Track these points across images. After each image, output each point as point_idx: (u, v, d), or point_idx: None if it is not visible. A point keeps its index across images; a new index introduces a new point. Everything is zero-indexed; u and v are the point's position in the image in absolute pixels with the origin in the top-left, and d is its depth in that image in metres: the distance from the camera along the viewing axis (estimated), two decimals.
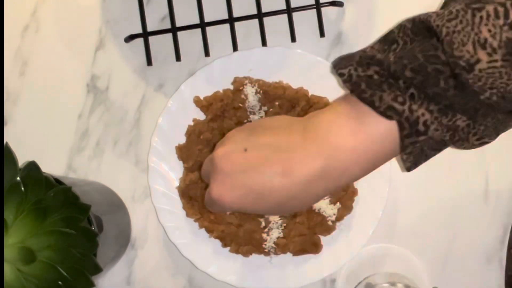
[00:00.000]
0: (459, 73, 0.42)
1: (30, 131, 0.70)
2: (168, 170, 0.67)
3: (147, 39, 0.69)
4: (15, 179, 0.51)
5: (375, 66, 0.45)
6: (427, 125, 0.44)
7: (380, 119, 0.45)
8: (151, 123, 0.68)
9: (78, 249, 0.52)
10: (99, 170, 0.69)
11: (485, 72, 0.41)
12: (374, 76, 0.45)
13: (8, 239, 0.50)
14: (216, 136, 0.66)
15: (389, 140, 0.45)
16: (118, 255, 0.67)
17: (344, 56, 0.48)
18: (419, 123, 0.44)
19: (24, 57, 0.70)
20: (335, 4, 0.68)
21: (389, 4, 0.69)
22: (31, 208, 0.51)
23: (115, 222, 0.66)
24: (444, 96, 0.43)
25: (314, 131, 0.47)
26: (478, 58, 0.41)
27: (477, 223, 0.68)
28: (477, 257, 0.68)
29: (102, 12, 0.70)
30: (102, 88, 0.70)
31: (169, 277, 0.69)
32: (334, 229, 0.66)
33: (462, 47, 0.41)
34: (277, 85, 0.66)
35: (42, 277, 0.51)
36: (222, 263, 0.67)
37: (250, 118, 0.66)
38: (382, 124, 0.45)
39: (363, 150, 0.46)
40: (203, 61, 0.69)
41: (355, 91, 0.45)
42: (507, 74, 0.41)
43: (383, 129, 0.45)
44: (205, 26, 0.69)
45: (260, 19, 0.68)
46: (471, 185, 0.68)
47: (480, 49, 0.41)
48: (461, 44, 0.41)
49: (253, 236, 0.66)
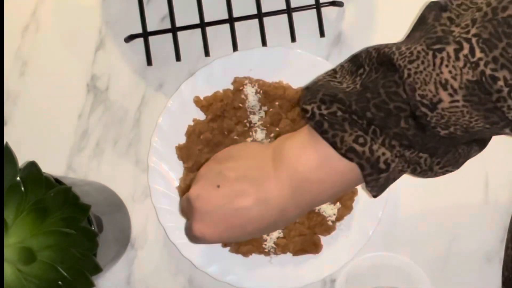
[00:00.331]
0: (419, 115, 0.43)
1: (30, 131, 0.70)
2: (168, 170, 0.67)
3: (147, 39, 0.69)
4: (15, 179, 0.51)
5: (337, 104, 0.46)
6: (387, 163, 0.45)
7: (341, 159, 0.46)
8: (151, 123, 0.68)
9: (78, 249, 0.52)
10: (99, 170, 0.69)
11: (447, 111, 0.42)
12: (338, 113, 0.46)
13: (8, 239, 0.50)
14: (216, 136, 0.66)
15: (353, 174, 0.47)
16: (118, 255, 0.67)
17: (309, 88, 0.49)
18: (379, 162, 0.45)
19: (24, 57, 0.70)
20: (335, 4, 0.68)
21: (389, 4, 0.69)
22: (31, 208, 0.51)
23: (115, 222, 0.66)
24: (405, 136, 0.44)
25: (284, 161, 0.49)
26: (440, 98, 0.42)
27: (477, 223, 0.68)
28: (477, 257, 0.68)
29: (102, 12, 0.70)
30: (102, 88, 0.70)
31: (169, 277, 0.69)
32: (334, 229, 0.66)
33: (425, 86, 0.42)
34: (277, 85, 0.66)
35: (42, 277, 0.51)
36: (222, 263, 0.67)
37: (250, 118, 0.66)
38: (345, 163, 0.46)
39: (329, 181, 0.48)
40: (203, 61, 0.69)
41: (318, 130, 0.46)
42: (468, 113, 0.42)
43: (346, 167, 0.47)
44: (205, 26, 0.69)
45: (260, 19, 0.68)
46: (471, 185, 0.68)
47: (441, 89, 0.42)
48: (424, 83, 0.42)
49: None
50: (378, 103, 0.44)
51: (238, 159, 0.51)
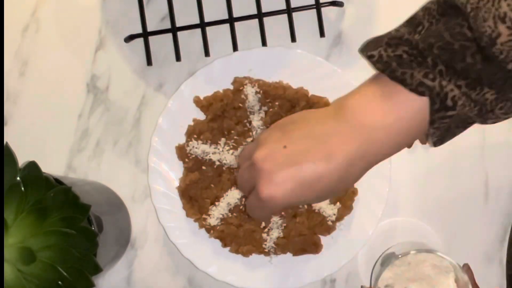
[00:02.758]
0: (484, 46, 0.43)
1: (30, 131, 0.70)
2: (168, 170, 0.67)
3: (147, 39, 0.69)
4: (15, 179, 0.51)
5: (403, 46, 0.47)
6: (455, 101, 0.46)
7: (410, 97, 0.46)
8: (151, 123, 0.68)
9: (78, 249, 0.52)
10: (99, 170, 0.69)
11: (506, 45, 0.43)
12: (404, 56, 0.46)
13: (8, 239, 0.50)
14: (216, 136, 0.66)
15: (419, 117, 0.47)
16: (118, 255, 0.67)
17: (371, 39, 0.50)
18: (447, 98, 0.45)
19: (24, 57, 0.70)
20: (335, 4, 0.68)
21: (389, 4, 0.69)
22: (31, 208, 0.51)
23: (115, 222, 0.66)
24: (472, 70, 0.45)
25: (347, 115, 0.49)
26: (499, 33, 0.43)
27: (477, 223, 0.68)
28: (477, 257, 0.68)
29: (102, 12, 0.70)
30: (102, 88, 0.70)
31: (169, 277, 0.69)
32: (334, 229, 0.66)
33: (484, 23, 0.43)
34: (277, 85, 0.66)
35: (42, 277, 0.51)
36: (222, 263, 0.67)
37: (250, 118, 0.66)
38: (412, 102, 0.46)
39: (395, 128, 0.48)
40: (203, 61, 0.69)
41: (386, 71, 0.47)
42: None
43: (414, 107, 0.47)
44: (205, 26, 0.69)
45: (260, 19, 0.68)
46: (471, 185, 0.68)
47: (500, 23, 0.43)
48: (483, 20, 0.43)
49: (253, 236, 0.66)
50: (443, 45, 0.45)
51: (300, 121, 0.51)
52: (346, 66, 0.68)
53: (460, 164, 0.68)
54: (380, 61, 0.47)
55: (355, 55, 0.68)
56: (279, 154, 0.49)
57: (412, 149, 0.53)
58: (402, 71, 0.46)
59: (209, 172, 0.66)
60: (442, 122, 0.47)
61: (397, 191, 0.68)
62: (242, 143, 0.66)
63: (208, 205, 0.66)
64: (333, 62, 0.68)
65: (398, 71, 0.46)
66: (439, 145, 0.50)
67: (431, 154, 0.68)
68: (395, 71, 0.46)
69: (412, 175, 0.69)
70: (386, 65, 0.47)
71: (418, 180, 0.69)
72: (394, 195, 0.67)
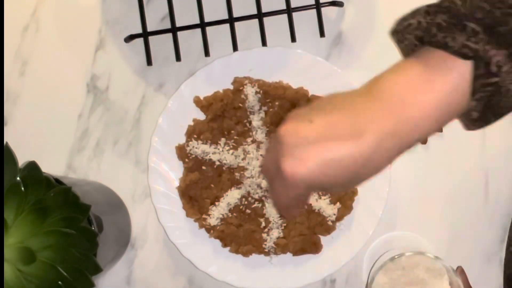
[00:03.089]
0: None
1: (30, 131, 0.70)
2: (168, 170, 0.67)
3: (147, 39, 0.69)
4: (15, 179, 0.51)
5: (442, 15, 0.45)
6: (499, 65, 0.43)
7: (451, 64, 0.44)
8: (151, 123, 0.68)
9: (78, 249, 0.52)
10: (99, 170, 0.69)
11: None
12: (443, 24, 0.44)
13: (8, 239, 0.50)
14: (216, 136, 0.66)
15: (458, 91, 0.44)
16: (118, 255, 0.67)
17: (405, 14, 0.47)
18: (491, 64, 0.43)
19: (24, 57, 0.70)
20: (335, 4, 0.68)
21: (389, 4, 0.69)
22: (31, 208, 0.51)
23: (115, 222, 0.66)
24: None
25: (380, 92, 0.46)
26: None
27: (477, 223, 0.68)
28: (477, 257, 0.68)
29: (102, 12, 0.70)
30: (102, 88, 0.70)
31: (169, 277, 0.69)
32: (334, 229, 0.66)
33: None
34: (277, 85, 0.66)
35: (42, 277, 0.51)
36: (222, 263, 0.67)
37: (250, 118, 0.66)
38: (453, 70, 0.44)
39: (433, 103, 0.45)
40: (203, 61, 0.69)
41: (426, 36, 0.45)
42: None
43: (454, 77, 0.44)
44: (205, 26, 0.69)
45: (260, 19, 0.68)
46: (471, 185, 0.68)
47: None
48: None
49: (253, 236, 0.66)
50: (483, 15, 0.43)
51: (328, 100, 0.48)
52: (346, 66, 0.68)
53: (460, 164, 0.68)
54: (419, 28, 0.45)
55: (355, 55, 0.68)
56: (304, 129, 0.46)
57: (412, 149, 0.53)
58: (444, 35, 0.44)
59: (209, 172, 0.66)
60: (485, 91, 0.44)
61: (397, 191, 0.68)
62: (242, 143, 0.66)
63: (208, 205, 0.66)
64: (333, 62, 0.68)
65: (439, 35, 0.44)
66: (478, 128, 0.47)
67: (431, 154, 0.68)
68: (436, 35, 0.44)
69: (412, 175, 0.69)
70: (427, 30, 0.44)
71: (418, 180, 0.69)
72: (394, 195, 0.67)
